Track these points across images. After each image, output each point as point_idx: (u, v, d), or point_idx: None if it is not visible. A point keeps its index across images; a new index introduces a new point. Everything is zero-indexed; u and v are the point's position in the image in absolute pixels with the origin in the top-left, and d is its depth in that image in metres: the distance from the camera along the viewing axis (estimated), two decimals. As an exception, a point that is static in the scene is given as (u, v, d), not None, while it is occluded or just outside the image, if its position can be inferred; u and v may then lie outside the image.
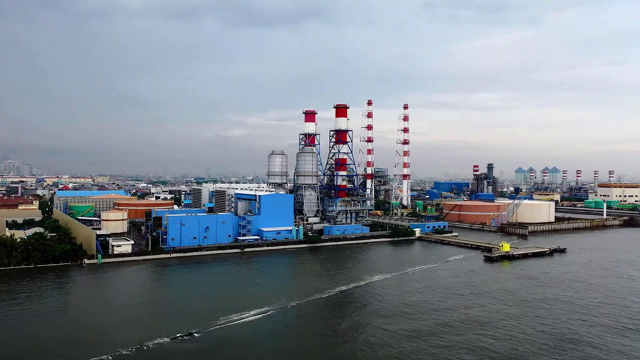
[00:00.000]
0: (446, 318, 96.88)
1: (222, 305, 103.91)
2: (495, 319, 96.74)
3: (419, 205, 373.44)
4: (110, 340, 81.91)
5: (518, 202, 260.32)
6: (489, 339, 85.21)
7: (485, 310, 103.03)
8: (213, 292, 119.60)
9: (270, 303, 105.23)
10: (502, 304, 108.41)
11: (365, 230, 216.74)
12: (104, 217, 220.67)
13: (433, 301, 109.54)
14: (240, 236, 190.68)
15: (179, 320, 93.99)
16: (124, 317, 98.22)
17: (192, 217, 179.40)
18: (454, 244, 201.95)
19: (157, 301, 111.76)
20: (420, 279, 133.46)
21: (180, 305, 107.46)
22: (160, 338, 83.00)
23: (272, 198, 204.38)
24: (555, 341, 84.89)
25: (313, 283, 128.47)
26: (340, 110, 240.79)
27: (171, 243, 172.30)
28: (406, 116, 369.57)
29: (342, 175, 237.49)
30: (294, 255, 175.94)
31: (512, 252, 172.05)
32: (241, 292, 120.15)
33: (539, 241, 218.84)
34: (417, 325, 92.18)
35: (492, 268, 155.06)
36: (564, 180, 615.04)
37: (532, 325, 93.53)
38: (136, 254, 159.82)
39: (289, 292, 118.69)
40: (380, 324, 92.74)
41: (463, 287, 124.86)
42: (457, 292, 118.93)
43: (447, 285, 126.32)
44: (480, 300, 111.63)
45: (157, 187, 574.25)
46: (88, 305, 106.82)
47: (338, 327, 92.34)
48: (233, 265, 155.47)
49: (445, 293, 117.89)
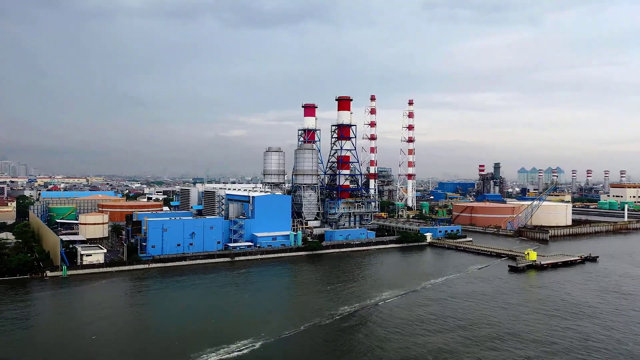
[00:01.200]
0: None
1: (198, 336, 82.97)
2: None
3: (424, 206, 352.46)
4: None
5: (537, 203, 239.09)
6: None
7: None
8: (192, 315, 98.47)
9: (257, 333, 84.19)
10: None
11: (370, 235, 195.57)
12: (81, 220, 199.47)
13: (460, 340, 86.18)
14: (231, 242, 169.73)
15: (142, 357, 73.04)
16: (75, 352, 77.20)
17: (176, 222, 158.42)
18: (471, 250, 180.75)
19: (119, 331, 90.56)
20: (438, 299, 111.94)
21: (148, 335, 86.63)
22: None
23: (267, 199, 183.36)
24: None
25: (312, 302, 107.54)
26: (343, 103, 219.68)
27: (151, 251, 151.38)
28: (411, 113, 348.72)
29: (344, 174, 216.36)
30: (291, 265, 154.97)
31: (539, 261, 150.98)
32: (225, 315, 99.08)
33: (562, 247, 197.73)
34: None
35: (519, 281, 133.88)
36: (574, 180, 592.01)
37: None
38: (109, 264, 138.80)
39: (283, 315, 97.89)
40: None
41: (493, 311, 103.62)
42: (487, 319, 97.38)
43: (472, 310, 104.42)
44: (523, 343, 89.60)
45: (151, 188, 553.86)
46: (34, 335, 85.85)
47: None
48: (220, 277, 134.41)
49: (473, 330, 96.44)
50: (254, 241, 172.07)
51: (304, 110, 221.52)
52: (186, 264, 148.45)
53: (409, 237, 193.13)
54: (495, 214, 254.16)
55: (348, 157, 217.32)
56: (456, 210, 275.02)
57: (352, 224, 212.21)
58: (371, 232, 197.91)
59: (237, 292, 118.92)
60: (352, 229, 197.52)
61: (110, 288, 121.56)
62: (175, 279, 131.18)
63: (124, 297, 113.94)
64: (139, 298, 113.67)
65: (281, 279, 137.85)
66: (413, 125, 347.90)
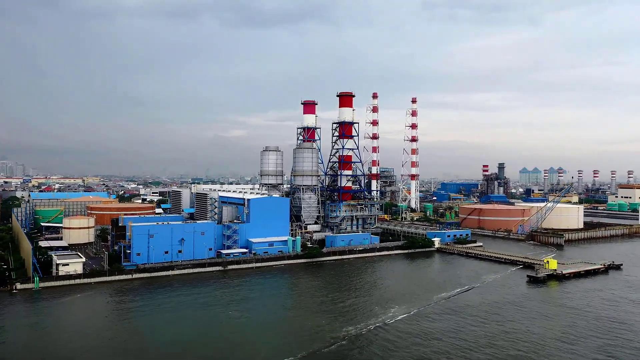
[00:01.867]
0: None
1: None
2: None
3: (428, 208, 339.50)
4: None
5: (550, 205, 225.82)
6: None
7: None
8: (171, 339, 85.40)
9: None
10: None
11: (375, 240, 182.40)
12: (65, 224, 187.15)
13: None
14: (225, 249, 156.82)
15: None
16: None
17: (163, 227, 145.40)
18: (482, 257, 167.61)
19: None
20: (454, 319, 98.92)
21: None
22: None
23: (263, 202, 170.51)
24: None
25: (311, 322, 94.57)
26: (344, 99, 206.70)
27: (136, 259, 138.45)
28: (414, 111, 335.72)
29: (346, 175, 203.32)
30: (289, 275, 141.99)
31: (560, 270, 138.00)
32: (209, 340, 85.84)
33: (579, 252, 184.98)
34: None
35: (542, 294, 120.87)
36: (580, 181, 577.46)
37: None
38: (88, 275, 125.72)
39: (278, 339, 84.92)
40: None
41: (522, 337, 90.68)
42: (516, 347, 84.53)
43: (496, 335, 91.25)
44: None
45: (147, 188, 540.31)
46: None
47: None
48: (210, 290, 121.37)
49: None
50: (249, 247, 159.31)
51: (303, 107, 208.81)
52: (174, 273, 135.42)
53: (415, 243, 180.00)
54: (504, 217, 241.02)
55: (350, 157, 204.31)
56: (463, 212, 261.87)
57: (355, 227, 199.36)
58: (375, 237, 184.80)
59: (227, 308, 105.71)
60: (355, 234, 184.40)
61: (84, 304, 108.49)
62: (160, 292, 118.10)
63: (97, 316, 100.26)
64: (114, 317, 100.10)
65: (277, 292, 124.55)
66: (416, 124, 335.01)
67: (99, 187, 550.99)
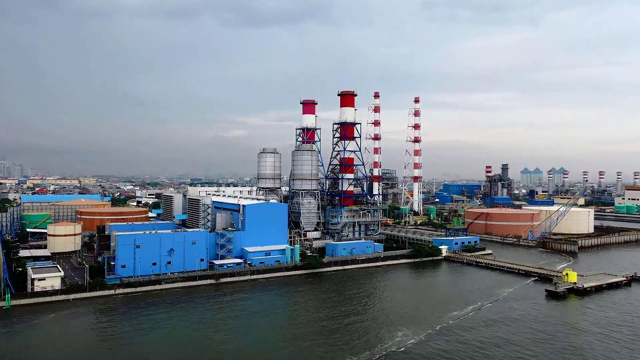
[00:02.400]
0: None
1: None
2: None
3: (431, 211, 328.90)
4: None
5: (564, 210, 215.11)
6: None
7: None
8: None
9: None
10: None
11: (378, 248, 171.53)
12: (50, 231, 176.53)
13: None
14: (218, 259, 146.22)
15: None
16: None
17: (151, 236, 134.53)
18: (494, 267, 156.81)
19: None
20: (470, 347, 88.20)
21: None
22: None
23: (259, 209, 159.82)
24: None
25: (309, 350, 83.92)
26: (346, 98, 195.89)
27: (121, 272, 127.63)
28: (417, 111, 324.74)
29: (348, 178, 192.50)
30: (287, 289, 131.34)
31: (581, 283, 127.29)
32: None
33: (595, 261, 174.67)
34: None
35: (564, 312, 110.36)
36: (584, 182, 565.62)
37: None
38: (66, 291, 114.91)
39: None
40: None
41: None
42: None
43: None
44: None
45: (144, 190, 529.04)
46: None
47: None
48: (200, 308, 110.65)
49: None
50: (244, 257, 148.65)
51: (302, 107, 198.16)
52: (161, 288, 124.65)
53: (422, 251, 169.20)
54: (513, 222, 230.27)
55: (352, 160, 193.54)
56: (469, 216, 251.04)
57: (357, 234, 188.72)
58: (378, 245, 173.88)
59: (217, 332, 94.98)
60: (357, 242, 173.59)
61: (59, 325, 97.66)
62: (145, 310, 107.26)
63: (73, 341, 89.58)
64: (91, 342, 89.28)
65: (272, 311, 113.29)
66: (419, 124, 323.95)
67: (95, 189, 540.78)
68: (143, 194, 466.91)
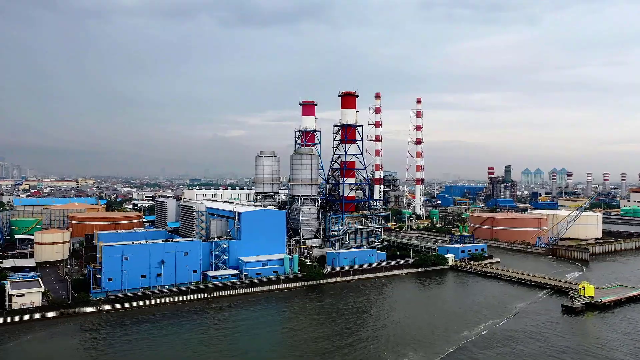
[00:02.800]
0: None
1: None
2: None
3: (434, 214, 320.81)
4: None
5: (576, 214, 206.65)
6: None
7: None
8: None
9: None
10: None
11: (381, 257, 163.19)
12: (37, 239, 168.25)
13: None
14: (212, 269, 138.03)
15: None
16: None
17: (140, 247, 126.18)
18: (503, 277, 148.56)
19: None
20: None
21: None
22: None
23: (256, 216, 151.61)
24: None
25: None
26: (347, 99, 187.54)
27: (108, 285, 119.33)
28: (419, 112, 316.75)
29: (349, 183, 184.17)
30: (284, 303, 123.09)
31: (598, 297, 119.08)
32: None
33: (608, 270, 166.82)
34: None
35: (583, 330, 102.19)
36: (589, 183, 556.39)
37: None
38: (47, 308, 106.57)
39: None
40: None
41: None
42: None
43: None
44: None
45: (141, 192, 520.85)
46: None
47: None
48: (190, 326, 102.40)
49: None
50: (240, 267, 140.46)
51: (301, 108, 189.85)
52: (150, 304, 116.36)
53: (427, 260, 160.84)
54: (520, 227, 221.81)
55: (353, 164, 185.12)
56: (474, 221, 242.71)
57: (358, 241, 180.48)
58: (381, 253, 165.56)
59: (206, 353, 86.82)
60: (359, 250, 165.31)
61: (33, 349, 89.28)
62: (131, 330, 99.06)
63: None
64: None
65: (268, 328, 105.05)
66: (421, 126, 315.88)
67: (91, 191, 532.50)
68: (140, 196, 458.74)
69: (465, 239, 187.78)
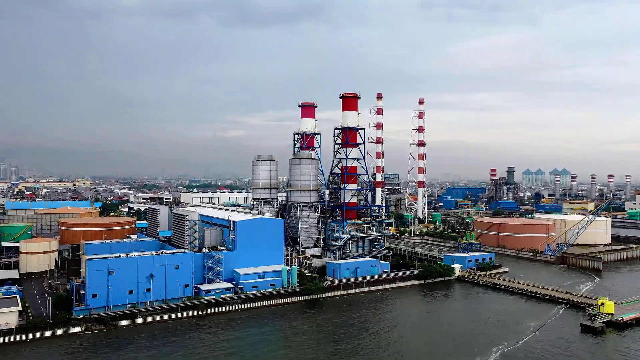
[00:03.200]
0: None
1: None
2: None
3: (436, 218, 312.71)
4: None
5: (589, 219, 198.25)
6: None
7: None
8: None
9: None
10: None
11: (384, 267, 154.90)
12: (22, 248, 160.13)
13: None
14: (206, 282, 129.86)
15: None
16: None
17: (127, 260, 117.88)
18: (514, 290, 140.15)
19: None
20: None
21: None
22: None
23: (253, 225, 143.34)
24: None
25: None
26: (348, 101, 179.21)
27: (92, 302, 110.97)
28: (421, 113, 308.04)
29: (351, 189, 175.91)
30: (281, 321, 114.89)
31: (619, 315, 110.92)
32: None
33: (622, 280, 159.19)
34: None
35: (609, 355, 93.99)
36: (593, 185, 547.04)
37: None
38: (23, 329, 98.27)
39: None
40: None
41: None
42: None
43: None
44: None
45: (139, 194, 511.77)
46: None
47: None
48: (178, 349, 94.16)
49: None
50: (235, 280, 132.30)
51: (301, 110, 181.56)
52: (137, 322, 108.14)
53: (433, 271, 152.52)
54: (528, 233, 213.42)
55: (355, 168, 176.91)
56: (479, 227, 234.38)
57: (360, 249, 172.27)
58: (385, 263, 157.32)
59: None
60: (361, 260, 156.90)
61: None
62: (116, 354, 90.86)
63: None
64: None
65: (265, 352, 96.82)
66: (424, 127, 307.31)
67: (88, 192, 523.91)
68: (137, 198, 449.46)
69: (472, 247, 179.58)
